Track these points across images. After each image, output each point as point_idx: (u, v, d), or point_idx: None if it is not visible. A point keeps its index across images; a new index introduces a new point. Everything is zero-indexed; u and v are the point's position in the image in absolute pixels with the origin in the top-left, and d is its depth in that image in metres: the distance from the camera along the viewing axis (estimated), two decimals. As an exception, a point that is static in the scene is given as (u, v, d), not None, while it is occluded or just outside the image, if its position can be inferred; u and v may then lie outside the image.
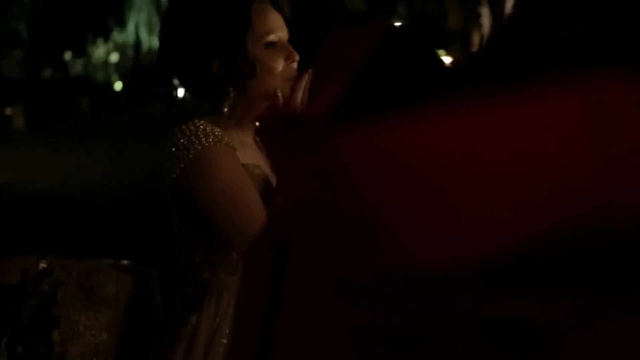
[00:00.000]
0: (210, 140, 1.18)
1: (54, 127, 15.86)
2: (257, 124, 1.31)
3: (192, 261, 1.26)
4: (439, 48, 21.09)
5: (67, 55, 34.13)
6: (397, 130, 0.31)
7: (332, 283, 0.39)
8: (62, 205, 6.78)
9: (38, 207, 6.67)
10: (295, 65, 1.26)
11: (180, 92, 1.32)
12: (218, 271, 1.24)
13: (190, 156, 1.17)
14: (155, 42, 35.09)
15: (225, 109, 1.26)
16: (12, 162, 9.88)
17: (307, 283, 0.42)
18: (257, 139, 1.38)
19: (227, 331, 1.22)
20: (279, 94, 1.22)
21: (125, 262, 1.39)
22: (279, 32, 1.26)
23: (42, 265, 1.28)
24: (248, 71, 1.22)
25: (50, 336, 1.17)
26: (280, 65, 1.24)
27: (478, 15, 22.08)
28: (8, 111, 15.80)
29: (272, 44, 1.24)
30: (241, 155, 1.25)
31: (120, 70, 33.18)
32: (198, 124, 1.21)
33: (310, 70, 1.24)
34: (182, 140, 1.19)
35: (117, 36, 33.55)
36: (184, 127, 1.21)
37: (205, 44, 1.22)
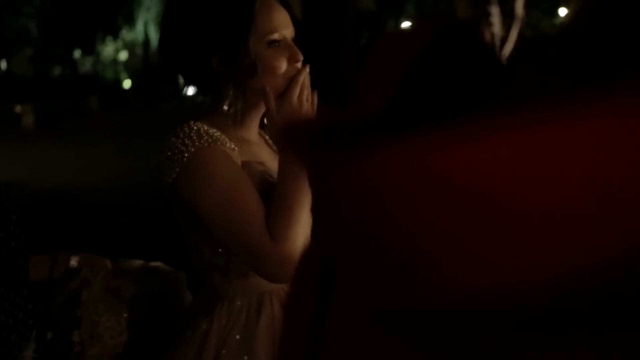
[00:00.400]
0: (204, 141, 1.14)
1: (63, 124, 15.93)
2: (265, 121, 1.27)
3: (203, 266, 1.23)
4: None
5: (77, 54, 34.28)
6: (443, 150, 0.29)
7: (373, 314, 0.37)
8: (70, 202, 6.79)
9: (47, 205, 6.68)
10: (299, 65, 1.20)
11: (189, 90, 1.30)
12: (230, 275, 1.20)
13: (185, 159, 1.13)
14: (164, 41, 34.93)
15: (225, 107, 1.22)
16: (22, 159, 9.92)
17: (349, 313, 0.40)
18: (263, 134, 1.35)
19: (238, 337, 1.18)
20: (269, 91, 1.17)
21: (154, 263, 1.36)
22: (284, 30, 1.20)
23: (73, 262, 1.27)
24: (249, 69, 1.17)
25: (70, 336, 1.16)
26: (283, 64, 1.18)
27: (487, 15, 21.98)
28: (18, 109, 15.86)
29: (275, 43, 1.18)
30: (242, 152, 1.21)
31: (129, 68, 33.29)
32: (192, 126, 1.17)
33: (307, 66, 1.20)
34: (176, 144, 1.15)
35: (126, 34, 33.68)
36: (178, 129, 1.17)
37: (204, 38, 1.18)
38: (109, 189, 7.51)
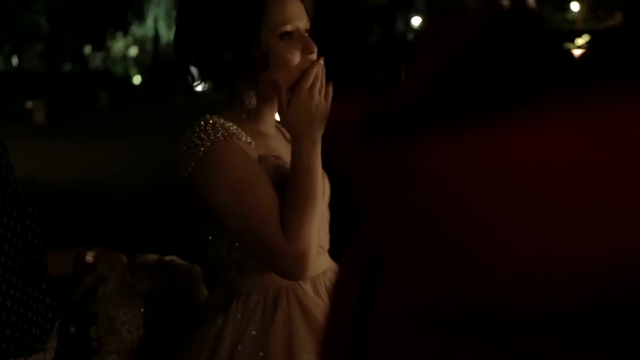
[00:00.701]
0: (219, 135, 1.13)
1: (73, 120, 16.00)
2: (277, 116, 1.25)
3: (219, 261, 1.22)
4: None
5: (87, 50, 34.43)
6: (500, 140, 0.29)
7: (420, 309, 0.37)
8: (81, 198, 6.83)
9: (58, 201, 6.72)
10: (313, 56, 1.18)
11: (199, 86, 1.29)
12: (245, 271, 1.19)
13: (200, 153, 1.13)
14: (173, 36, 35.01)
15: (241, 101, 1.20)
16: (33, 155, 9.97)
17: (397, 307, 0.40)
18: (279, 127, 1.33)
19: (254, 332, 1.17)
20: (282, 85, 1.14)
21: (169, 257, 1.36)
22: (297, 21, 1.17)
23: (89, 258, 1.26)
24: (261, 63, 1.15)
25: (88, 332, 1.17)
26: (296, 57, 1.16)
27: (498, 9, 21.85)
28: (29, 104, 15.94)
29: (288, 34, 1.16)
30: (259, 146, 1.20)
31: (139, 64, 33.39)
32: (208, 119, 1.16)
33: (322, 58, 1.17)
34: (192, 138, 1.14)
35: (136, 30, 33.78)
36: (194, 123, 1.16)
37: (216, 32, 1.16)
38: (120, 185, 7.54)
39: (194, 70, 1.27)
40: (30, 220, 1.00)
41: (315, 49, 1.18)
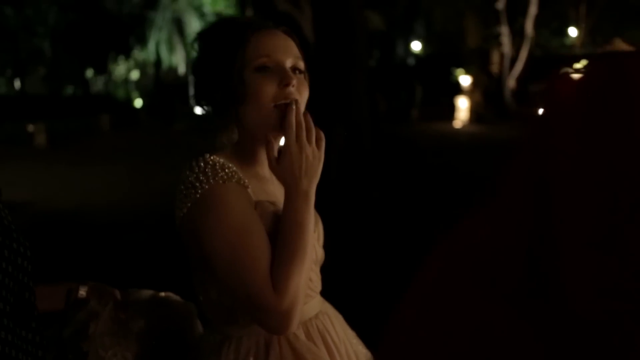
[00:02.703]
0: (218, 178, 1.11)
1: (75, 144, 16.04)
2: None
3: (209, 304, 1.19)
4: (458, 67, 21.04)
5: (89, 73, 34.64)
6: None
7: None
8: (82, 223, 6.81)
9: (59, 225, 6.70)
10: (290, 89, 1.14)
11: (199, 110, 1.29)
12: (236, 316, 1.16)
13: (198, 195, 1.10)
14: (175, 60, 35.72)
15: (228, 140, 1.21)
16: (33, 178, 9.98)
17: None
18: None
19: None
20: (270, 139, 1.14)
21: (164, 294, 1.33)
22: (278, 55, 1.16)
23: (82, 293, 1.24)
24: (239, 96, 1.14)
25: None
26: (269, 89, 1.13)
27: (497, 34, 22.05)
28: (30, 128, 15.97)
29: (264, 68, 1.14)
30: (256, 190, 1.17)
31: (141, 87, 33.57)
32: (208, 160, 1.13)
33: (294, 102, 1.14)
34: (190, 178, 1.11)
35: (137, 54, 34.03)
36: (193, 163, 1.13)
37: (206, 71, 1.19)
38: (120, 210, 7.52)
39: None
40: (22, 259, 0.98)
41: (292, 81, 1.15)
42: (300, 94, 1.18)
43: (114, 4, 29.45)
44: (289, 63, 1.17)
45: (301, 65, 1.19)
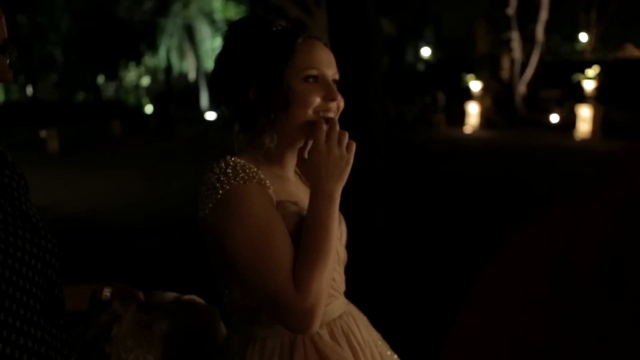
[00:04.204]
0: (239, 178, 1.12)
1: (86, 149, 16.14)
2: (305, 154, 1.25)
3: (233, 306, 1.19)
4: (468, 72, 21.00)
5: (100, 79, 34.89)
6: None
7: None
8: (94, 228, 6.84)
9: (71, 229, 6.73)
10: (332, 105, 1.18)
11: (210, 116, 1.28)
12: (261, 317, 1.16)
13: (219, 196, 1.10)
14: (185, 66, 35.92)
15: (262, 142, 1.20)
16: (46, 184, 10.03)
17: None
18: (298, 171, 1.32)
19: None
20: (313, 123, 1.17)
21: (188, 297, 1.32)
22: (325, 68, 1.19)
23: (106, 294, 1.24)
24: (282, 101, 1.16)
25: None
26: (315, 99, 1.17)
27: (508, 40, 22.00)
28: (43, 134, 16.08)
29: (312, 78, 1.17)
30: (278, 191, 1.18)
31: (152, 93, 33.76)
32: (229, 161, 1.14)
33: (332, 120, 1.18)
34: (211, 180, 1.12)
35: (148, 60, 34.24)
36: (215, 164, 1.15)
37: (245, 66, 1.18)
38: (132, 215, 7.55)
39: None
40: (50, 256, 1.00)
41: (338, 98, 1.19)
42: (339, 107, 1.22)
43: (125, 11, 29.66)
44: (331, 76, 1.21)
45: (337, 77, 1.23)
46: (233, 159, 1.15)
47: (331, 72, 1.20)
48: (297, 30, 1.22)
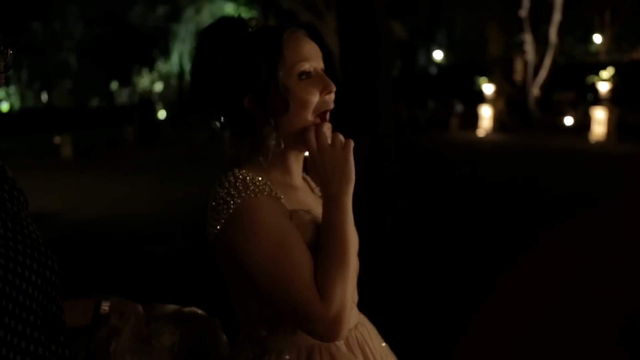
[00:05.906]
0: (250, 191, 1.09)
1: (100, 155, 16.27)
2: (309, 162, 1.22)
3: (249, 318, 1.16)
4: (481, 75, 20.92)
5: (114, 85, 35.20)
6: None
7: None
8: (107, 234, 6.86)
9: (85, 235, 6.77)
10: (332, 96, 1.14)
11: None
12: (277, 329, 1.14)
13: (231, 211, 1.07)
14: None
15: (266, 151, 1.15)
16: (60, 190, 10.11)
17: None
18: (306, 178, 1.29)
19: None
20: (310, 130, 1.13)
21: (188, 309, 1.29)
22: (314, 61, 1.14)
23: (104, 308, 1.21)
24: (281, 105, 1.11)
25: None
26: (315, 97, 1.12)
27: (521, 42, 21.88)
28: (57, 140, 16.22)
29: (306, 74, 1.12)
30: (289, 200, 1.15)
31: (164, 99, 33.97)
32: (238, 174, 1.11)
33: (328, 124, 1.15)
34: (221, 194, 1.09)
35: (161, 66, 34.49)
36: (223, 178, 1.11)
37: (233, 77, 1.12)
38: (145, 221, 7.57)
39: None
40: (50, 273, 0.98)
41: (334, 89, 1.14)
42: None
43: (138, 17, 29.90)
44: (320, 67, 1.16)
45: (323, 66, 1.18)
46: (242, 171, 1.12)
47: (320, 63, 1.16)
48: (276, 26, 1.17)
